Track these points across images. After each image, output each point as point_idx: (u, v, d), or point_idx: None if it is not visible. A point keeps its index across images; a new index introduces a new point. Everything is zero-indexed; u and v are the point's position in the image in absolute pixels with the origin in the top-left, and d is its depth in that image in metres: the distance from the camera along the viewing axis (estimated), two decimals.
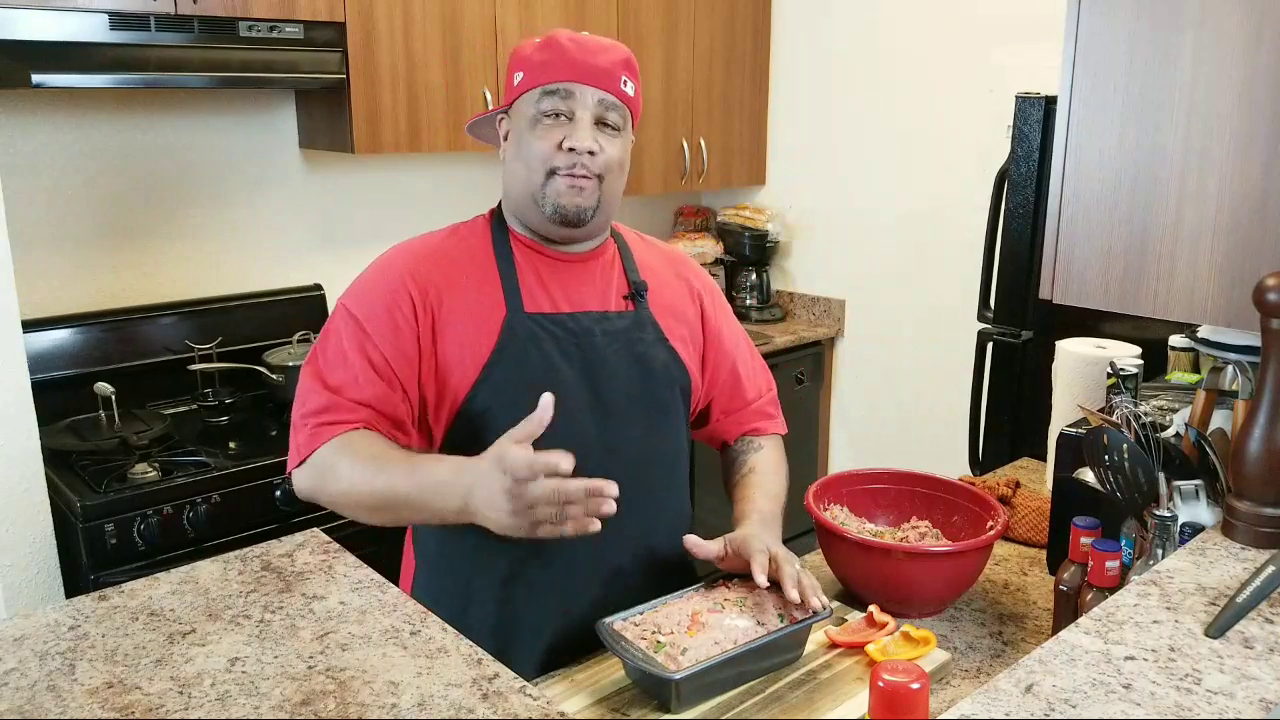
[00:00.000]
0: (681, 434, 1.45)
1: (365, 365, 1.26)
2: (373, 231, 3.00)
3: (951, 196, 3.16)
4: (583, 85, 1.27)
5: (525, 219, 1.34)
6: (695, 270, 1.53)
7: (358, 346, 1.27)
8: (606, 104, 1.29)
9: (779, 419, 1.56)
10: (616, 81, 1.29)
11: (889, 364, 3.48)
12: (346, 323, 1.29)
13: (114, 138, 2.50)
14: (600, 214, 1.32)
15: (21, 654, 1.05)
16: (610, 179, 1.31)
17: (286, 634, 1.08)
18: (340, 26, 2.48)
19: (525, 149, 1.29)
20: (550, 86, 1.27)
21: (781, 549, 1.26)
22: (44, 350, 2.34)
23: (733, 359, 1.50)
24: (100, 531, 1.99)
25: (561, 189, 1.28)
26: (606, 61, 1.29)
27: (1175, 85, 1.18)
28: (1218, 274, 1.17)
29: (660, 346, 1.39)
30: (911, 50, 3.22)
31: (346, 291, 1.34)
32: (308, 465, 1.25)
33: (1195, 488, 1.17)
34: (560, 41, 1.29)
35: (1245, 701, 0.81)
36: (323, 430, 1.24)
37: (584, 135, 1.27)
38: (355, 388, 1.26)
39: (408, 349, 1.27)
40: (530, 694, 0.98)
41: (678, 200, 3.85)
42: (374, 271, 1.34)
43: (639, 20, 3.17)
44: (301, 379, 1.30)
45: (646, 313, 1.39)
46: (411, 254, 1.33)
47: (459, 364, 1.29)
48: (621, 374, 1.35)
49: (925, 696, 0.93)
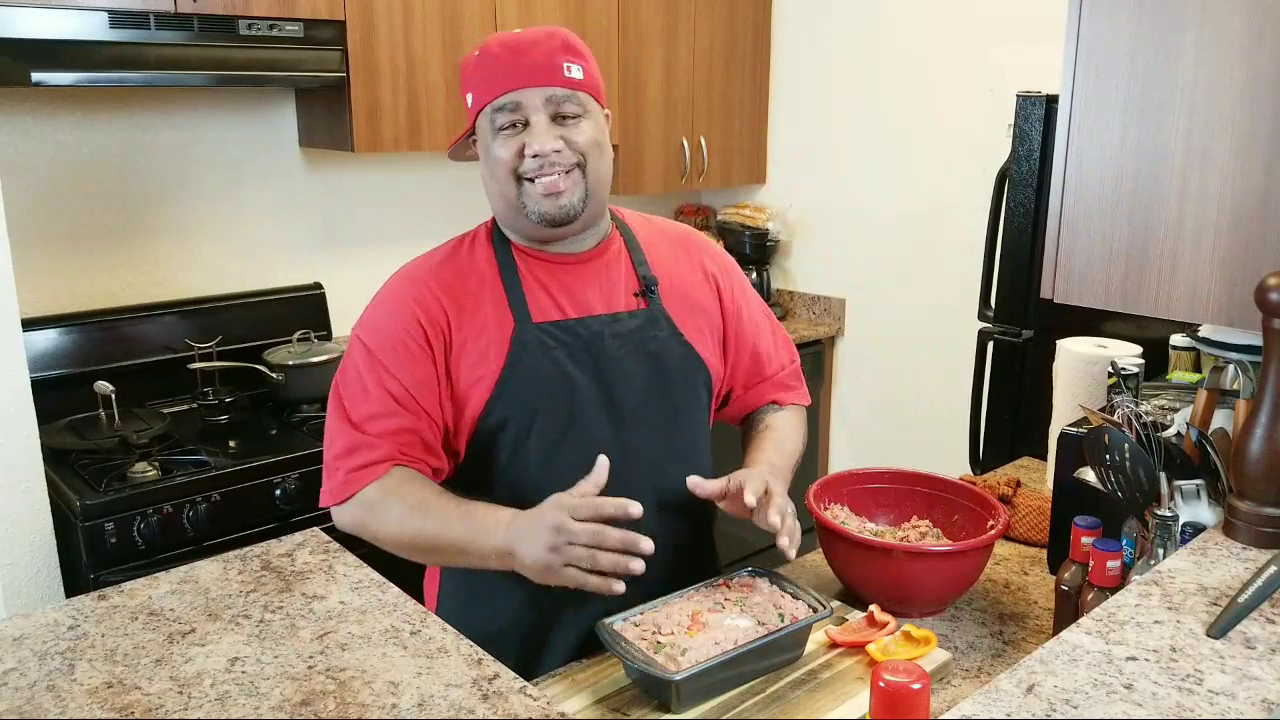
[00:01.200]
0: (701, 429, 1.43)
1: (386, 397, 1.27)
2: (373, 231, 3.00)
3: (952, 196, 3.16)
4: (525, 89, 1.24)
5: (516, 228, 1.33)
6: (707, 248, 1.50)
7: (376, 380, 1.28)
8: (557, 98, 1.25)
9: (800, 390, 1.55)
10: (558, 71, 1.25)
11: (889, 364, 3.47)
12: (363, 356, 1.30)
13: (114, 137, 2.50)
14: (591, 202, 1.29)
15: (21, 654, 1.05)
16: (592, 162, 1.28)
17: (286, 634, 1.08)
18: (340, 25, 2.47)
19: (492, 164, 1.28)
20: (497, 102, 1.25)
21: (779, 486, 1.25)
22: (44, 349, 2.34)
23: (753, 339, 1.48)
24: (100, 531, 1.99)
25: (537, 195, 1.26)
26: (541, 55, 1.25)
27: (1176, 85, 1.18)
28: (1219, 273, 1.17)
29: (675, 342, 1.37)
30: (912, 50, 3.21)
31: (359, 322, 1.34)
32: (351, 505, 1.27)
33: (1196, 487, 1.16)
34: (493, 51, 1.27)
35: (1247, 702, 0.81)
36: (358, 475, 1.26)
37: (542, 138, 1.24)
38: (379, 421, 1.27)
39: (426, 376, 1.28)
40: (530, 694, 0.98)
41: (678, 200, 3.85)
42: (383, 302, 1.34)
43: (639, 20, 3.17)
44: (328, 415, 1.32)
45: (659, 308, 1.37)
46: (417, 280, 1.32)
47: (473, 383, 1.29)
48: (636, 376, 1.34)
49: (926, 696, 0.92)
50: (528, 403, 1.28)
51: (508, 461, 1.31)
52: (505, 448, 1.30)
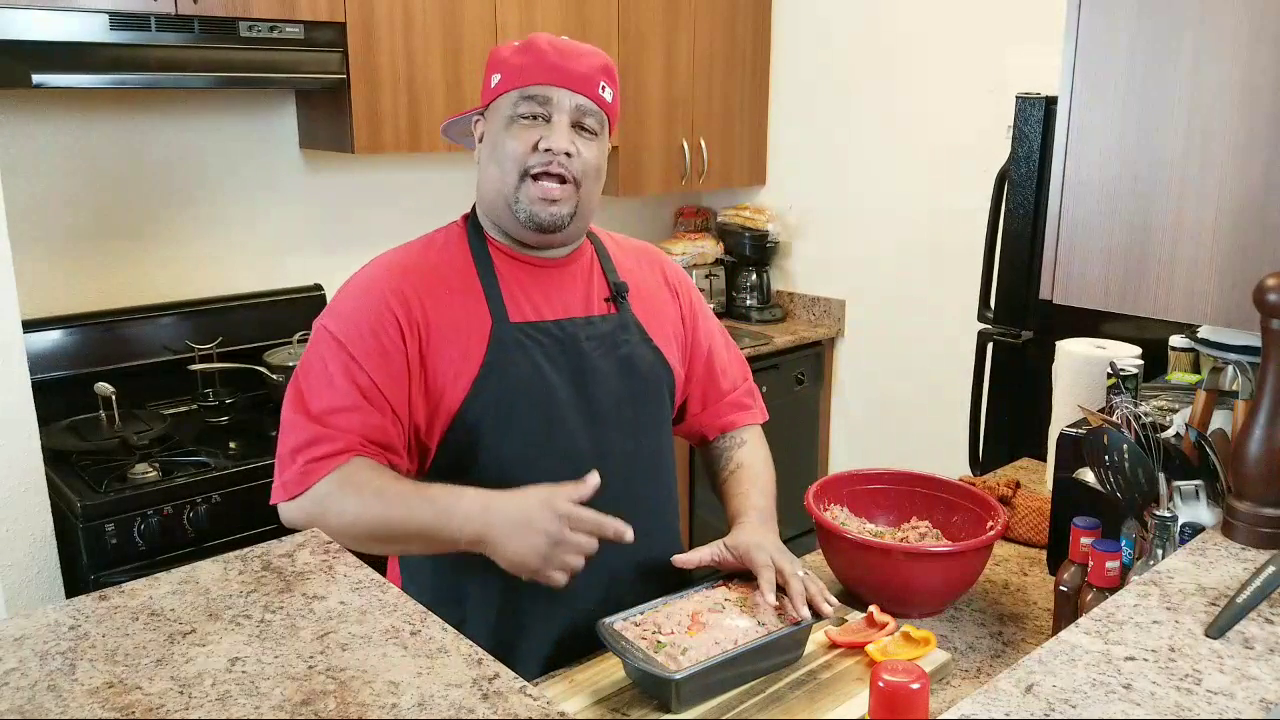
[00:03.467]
0: (666, 432, 1.46)
1: (352, 390, 1.23)
2: (373, 231, 3.00)
3: (951, 196, 3.16)
4: (561, 89, 1.27)
5: (499, 222, 1.33)
6: (668, 263, 1.53)
7: (343, 371, 1.24)
8: (584, 109, 1.28)
9: (755, 409, 1.56)
10: (595, 86, 1.29)
11: (889, 365, 3.47)
12: (329, 347, 1.26)
13: (114, 138, 2.50)
14: (577, 221, 1.31)
15: (21, 654, 1.05)
16: (587, 185, 1.30)
17: (287, 634, 1.08)
18: (340, 27, 2.47)
19: (500, 150, 1.28)
20: (528, 90, 1.26)
21: (785, 557, 1.26)
22: (44, 350, 2.34)
23: (708, 351, 1.51)
24: (100, 531, 1.99)
25: (534, 196, 1.27)
26: (586, 67, 1.28)
27: (1175, 85, 1.18)
28: (1218, 274, 1.17)
29: (645, 347, 1.39)
30: (912, 50, 3.22)
31: (325, 312, 1.30)
32: (303, 499, 1.23)
33: (1195, 488, 1.17)
34: (540, 45, 1.29)
35: (1245, 702, 0.81)
36: (315, 467, 1.22)
37: (560, 136, 1.26)
38: (343, 415, 1.23)
39: (397, 371, 1.25)
40: (530, 694, 0.98)
41: (678, 200, 3.85)
42: (355, 291, 1.30)
43: (639, 20, 3.17)
44: (285, 408, 1.27)
45: (629, 314, 1.39)
46: (392, 270, 1.30)
47: (450, 380, 1.27)
48: (608, 378, 1.35)
49: (925, 697, 0.93)
50: (505, 401, 1.27)
51: (485, 460, 1.29)
52: (482, 446, 1.28)
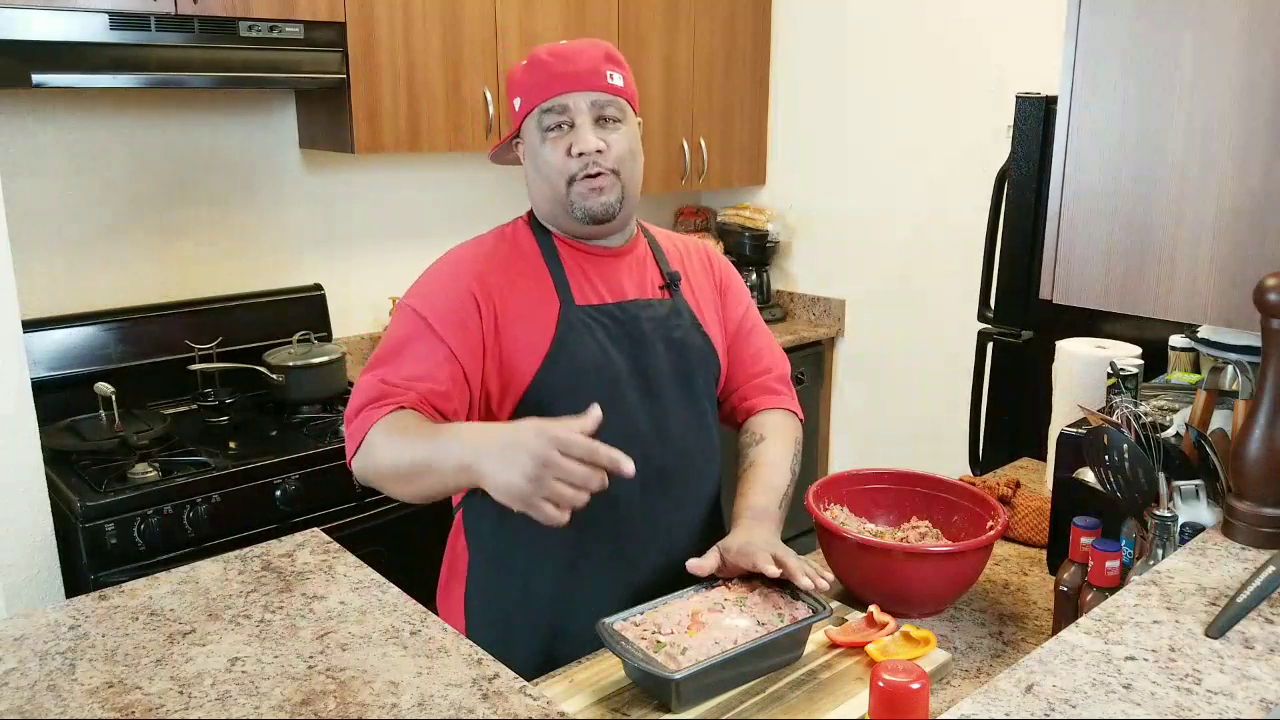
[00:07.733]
0: (713, 412, 1.54)
1: (433, 361, 1.31)
2: (373, 231, 3.00)
3: (951, 196, 3.16)
4: (572, 93, 1.34)
5: (558, 224, 1.43)
6: (715, 254, 1.63)
7: (426, 345, 1.32)
8: (600, 103, 1.36)
9: (785, 395, 1.59)
10: (602, 77, 1.36)
11: (889, 364, 3.47)
12: (411, 321, 1.34)
13: (114, 138, 2.50)
14: (626, 205, 1.41)
15: (22, 654, 1.05)
16: (625, 169, 1.39)
17: (286, 634, 1.08)
18: (340, 26, 2.47)
19: (541, 164, 1.38)
20: (545, 105, 1.35)
21: (777, 546, 1.28)
22: (44, 350, 2.34)
23: (749, 337, 1.58)
24: (100, 531, 1.99)
25: (584, 192, 1.36)
26: (588, 62, 1.36)
27: (1175, 86, 1.18)
28: (1218, 274, 1.17)
29: (695, 332, 1.48)
30: (912, 50, 3.22)
31: (409, 295, 1.39)
32: (360, 452, 1.27)
33: (1195, 488, 1.17)
34: (541, 59, 1.37)
35: (1245, 701, 0.81)
36: (370, 414, 1.26)
37: (587, 137, 1.34)
38: (411, 379, 1.29)
39: (474, 347, 1.34)
40: (530, 694, 0.98)
41: (678, 200, 3.85)
42: (440, 274, 1.40)
43: (639, 20, 3.17)
44: (359, 380, 1.33)
45: (681, 300, 1.49)
46: (471, 258, 1.41)
47: (521, 357, 1.36)
48: (663, 358, 1.43)
49: (925, 696, 0.93)
50: (572, 378, 1.36)
51: None
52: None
